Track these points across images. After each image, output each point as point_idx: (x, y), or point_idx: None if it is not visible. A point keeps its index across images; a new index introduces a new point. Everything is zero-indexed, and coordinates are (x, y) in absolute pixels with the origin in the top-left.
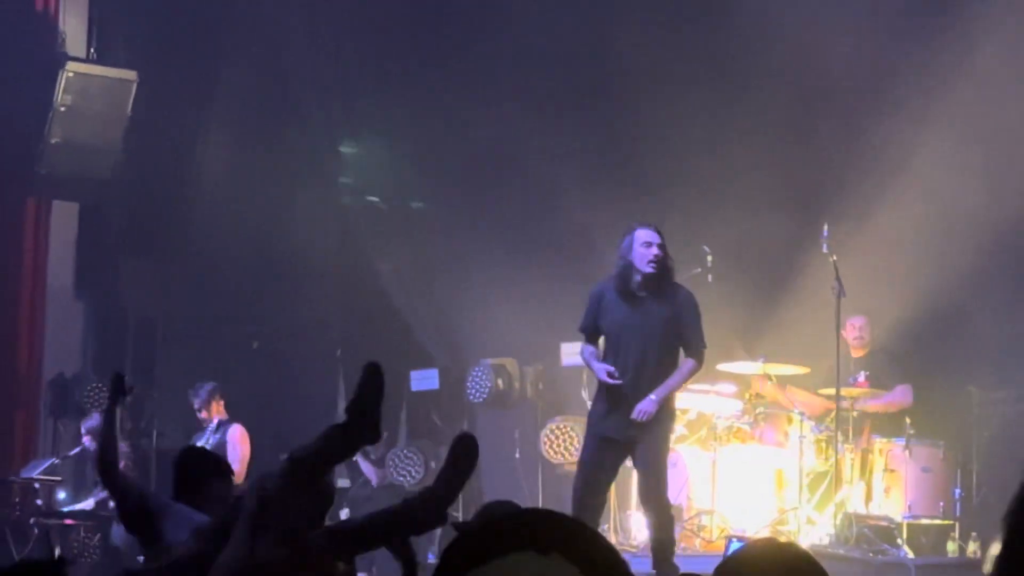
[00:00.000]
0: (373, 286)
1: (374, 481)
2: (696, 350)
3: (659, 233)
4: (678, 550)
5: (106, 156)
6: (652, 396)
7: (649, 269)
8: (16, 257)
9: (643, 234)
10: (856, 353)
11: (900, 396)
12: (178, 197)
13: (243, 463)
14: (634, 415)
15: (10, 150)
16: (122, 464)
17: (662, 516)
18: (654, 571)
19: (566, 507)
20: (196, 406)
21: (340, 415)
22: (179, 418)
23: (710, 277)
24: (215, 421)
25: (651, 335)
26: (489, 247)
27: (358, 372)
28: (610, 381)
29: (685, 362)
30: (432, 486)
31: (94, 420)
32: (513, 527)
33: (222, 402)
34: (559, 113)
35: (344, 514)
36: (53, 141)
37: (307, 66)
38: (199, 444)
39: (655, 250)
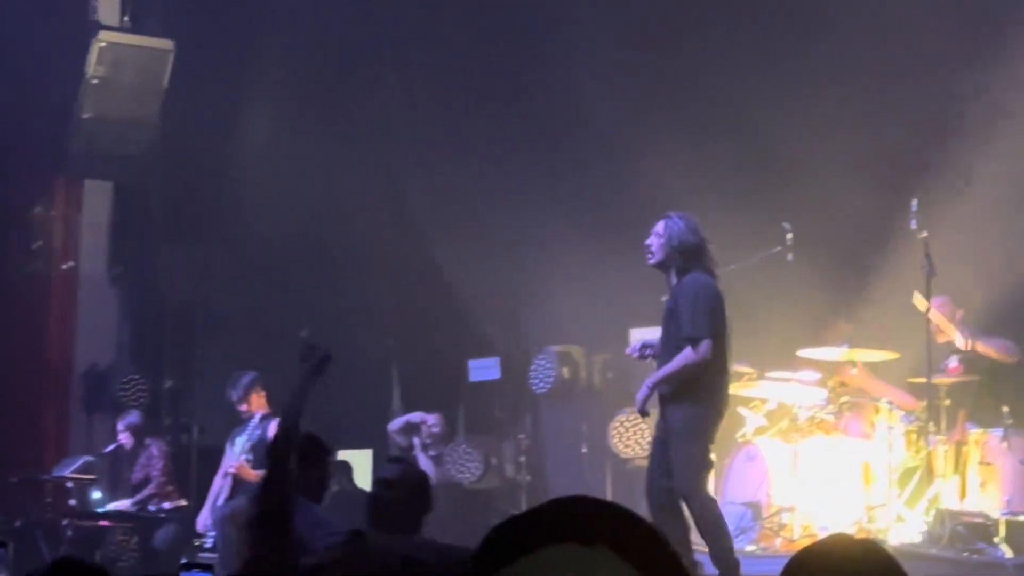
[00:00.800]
0: (429, 270)
1: (433, 479)
2: (684, 338)
3: (665, 220)
4: (756, 550)
5: (142, 131)
6: (644, 385)
7: (647, 261)
8: (46, 240)
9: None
10: (941, 338)
11: (1007, 348)
12: (220, 175)
13: None
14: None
15: (39, 126)
16: (160, 465)
17: (693, 514)
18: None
19: (639, 507)
20: (234, 398)
21: (395, 408)
22: (221, 413)
23: (790, 256)
24: (257, 415)
25: (663, 328)
26: (555, 227)
27: (413, 362)
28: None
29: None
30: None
31: (132, 416)
32: (554, 516)
33: (264, 394)
34: (632, 86)
35: None
36: (85, 116)
37: (358, 33)
38: (239, 439)
39: (649, 240)
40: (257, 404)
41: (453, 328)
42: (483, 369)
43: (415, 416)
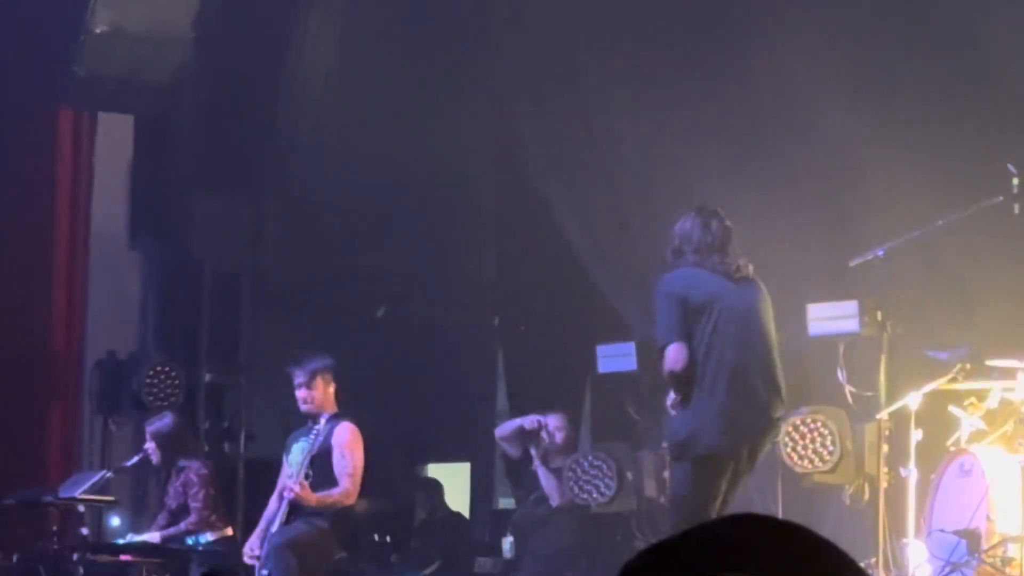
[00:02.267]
0: (545, 232)
1: (555, 499)
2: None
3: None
4: None
5: (170, 51)
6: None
7: None
8: (47, 191)
9: None
10: None
11: None
12: (271, 108)
13: (354, 477)
14: None
15: (40, 44)
16: (201, 495)
17: None
18: None
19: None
20: (297, 381)
21: (500, 409)
22: (275, 414)
23: (1016, 207)
24: (323, 416)
25: None
26: (709, 178)
27: (525, 348)
28: None
29: None
30: None
31: (162, 421)
32: (716, 540)
33: (333, 386)
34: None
35: (508, 543)
36: (97, 31)
37: None
38: (297, 447)
39: None
40: (323, 399)
41: (578, 306)
42: (615, 357)
43: (530, 420)
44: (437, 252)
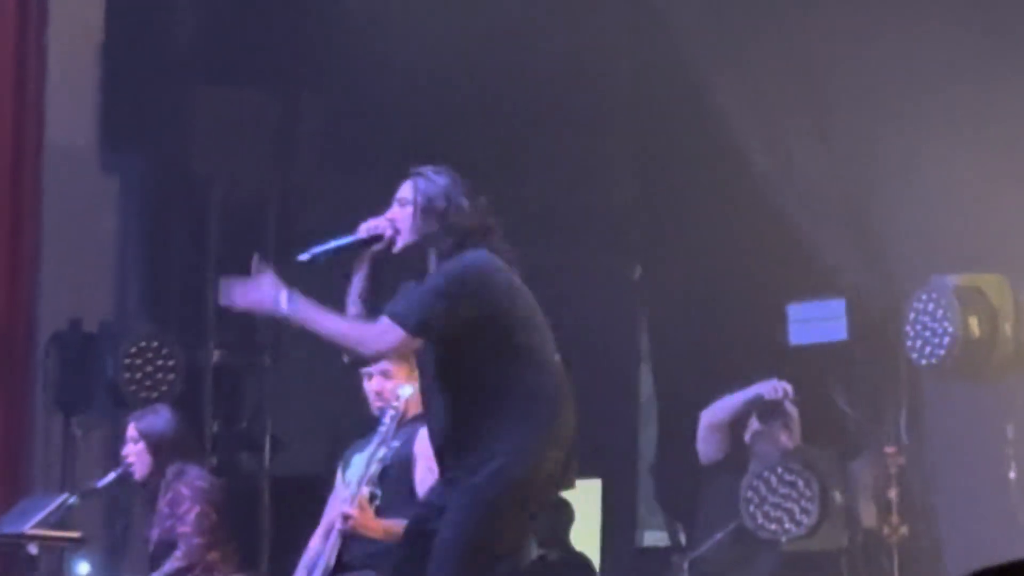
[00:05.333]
0: (707, 146)
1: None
2: None
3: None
4: None
5: None
6: None
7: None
8: None
9: None
10: None
11: None
12: None
13: None
14: None
15: None
16: (192, 515)
17: None
18: None
19: None
20: (366, 368)
21: (645, 401)
22: (314, 410)
23: None
24: (388, 414)
25: None
26: (947, 85)
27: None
28: None
29: None
30: None
31: (151, 418)
32: None
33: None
34: None
35: None
36: None
37: None
38: (360, 458)
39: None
40: (403, 379)
41: (755, 248)
42: (816, 323)
43: (770, 386)
44: (547, 177)
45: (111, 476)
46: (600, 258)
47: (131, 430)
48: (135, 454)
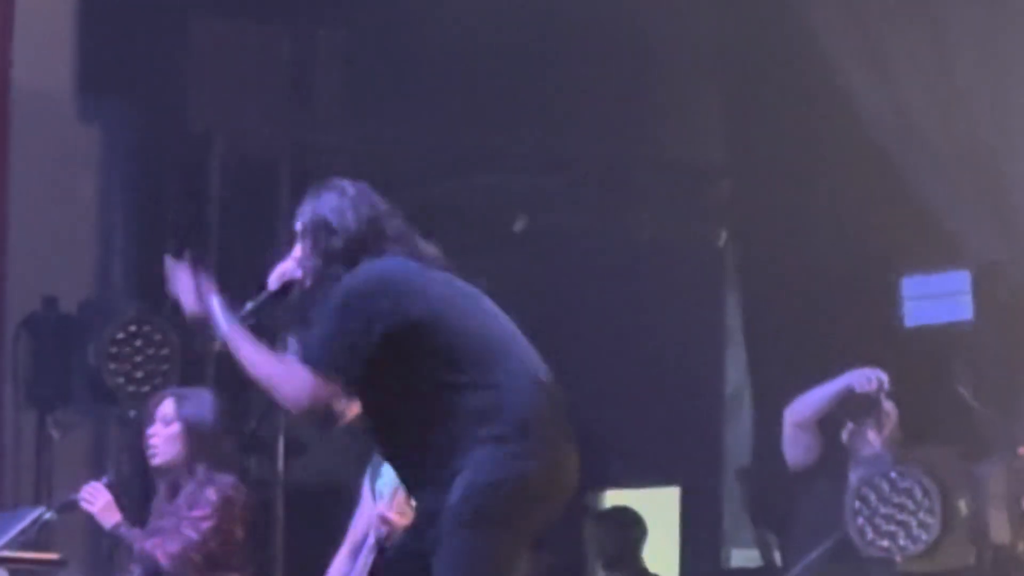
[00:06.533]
0: (808, 98)
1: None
2: None
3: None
4: None
5: None
6: None
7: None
8: None
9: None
10: None
11: None
12: None
13: None
14: None
15: None
16: (205, 510)
17: None
18: None
19: None
20: None
21: (733, 392)
22: None
23: None
24: None
25: None
26: None
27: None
28: None
29: None
30: None
31: (204, 398)
32: None
33: None
34: None
35: None
36: None
37: None
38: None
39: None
40: None
41: (863, 211)
42: (935, 300)
43: (861, 375)
44: (616, 124)
45: (99, 483)
46: (680, 224)
47: (168, 408)
48: (165, 438)
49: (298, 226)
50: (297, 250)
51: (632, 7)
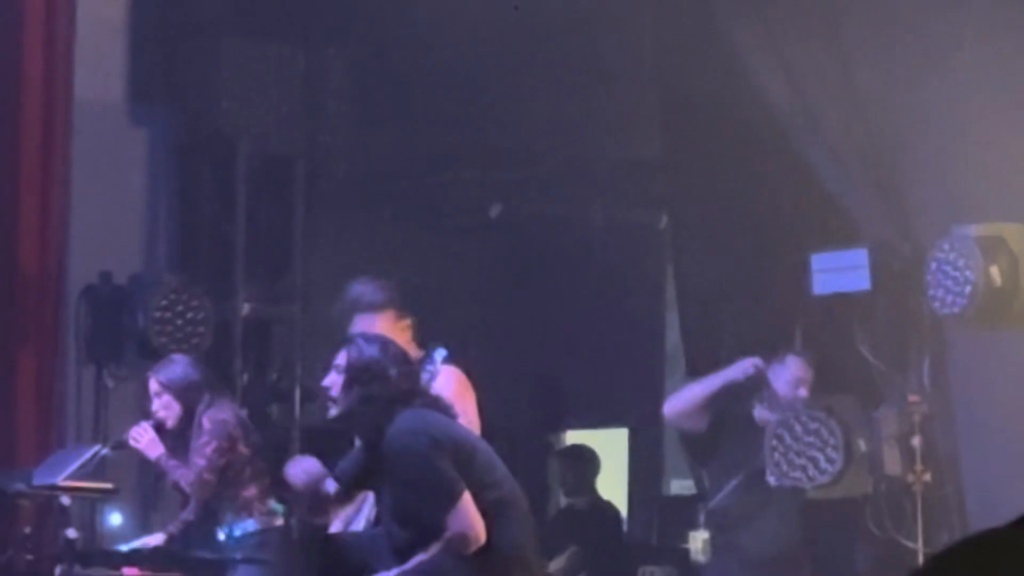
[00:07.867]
0: (734, 94)
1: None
2: None
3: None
4: None
5: None
6: None
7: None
8: (9, 43)
9: None
10: None
11: None
12: None
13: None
14: None
15: None
16: (210, 449)
17: None
18: None
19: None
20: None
21: (671, 351)
22: None
23: None
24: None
25: None
26: (972, 22)
27: (701, 258)
28: None
29: None
30: None
31: (177, 365)
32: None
33: (408, 322)
34: None
35: (702, 540)
36: None
37: None
38: None
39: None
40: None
41: (780, 197)
42: (840, 272)
43: (742, 366)
44: (575, 125)
45: (141, 426)
46: (622, 208)
47: (153, 384)
48: (163, 407)
49: (341, 362)
50: (332, 379)
51: (584, 32)
